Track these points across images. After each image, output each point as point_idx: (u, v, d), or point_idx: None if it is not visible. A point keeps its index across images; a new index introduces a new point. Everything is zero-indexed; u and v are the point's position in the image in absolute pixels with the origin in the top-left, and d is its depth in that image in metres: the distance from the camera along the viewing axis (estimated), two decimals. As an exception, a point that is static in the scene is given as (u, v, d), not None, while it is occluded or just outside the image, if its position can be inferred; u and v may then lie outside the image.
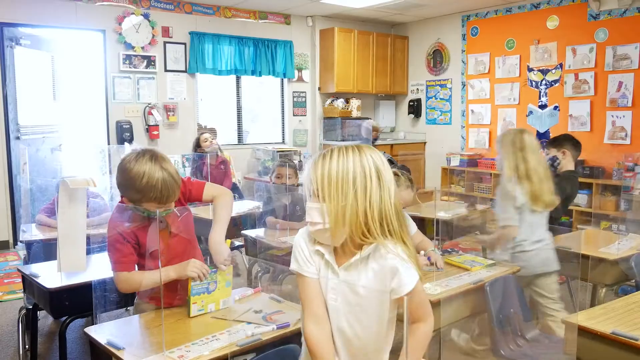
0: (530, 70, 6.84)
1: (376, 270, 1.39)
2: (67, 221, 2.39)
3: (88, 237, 2.42)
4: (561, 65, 6.51)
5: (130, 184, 1.88)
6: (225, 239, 2.10)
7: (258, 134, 7.68)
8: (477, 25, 7.45)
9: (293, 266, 1.49)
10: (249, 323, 1.90)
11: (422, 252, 2.62)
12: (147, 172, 1.85)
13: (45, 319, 3.74)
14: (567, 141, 3.56)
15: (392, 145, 7.93)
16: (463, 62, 7.63)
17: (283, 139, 7.87)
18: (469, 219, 3.77)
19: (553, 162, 3.47)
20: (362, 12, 7.53)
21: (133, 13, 6.35)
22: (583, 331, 1.95)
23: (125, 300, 2.32)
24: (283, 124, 7.85)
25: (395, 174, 2.03)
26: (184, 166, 6.59)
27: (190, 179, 2.17)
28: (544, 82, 6.71)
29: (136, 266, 2.05)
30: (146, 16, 6.45)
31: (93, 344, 1.85)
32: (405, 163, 6.69)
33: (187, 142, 6.76)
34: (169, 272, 1.99)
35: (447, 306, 2.33)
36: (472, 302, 2.52)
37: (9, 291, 4.40)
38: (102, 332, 1.86)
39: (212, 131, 6.58)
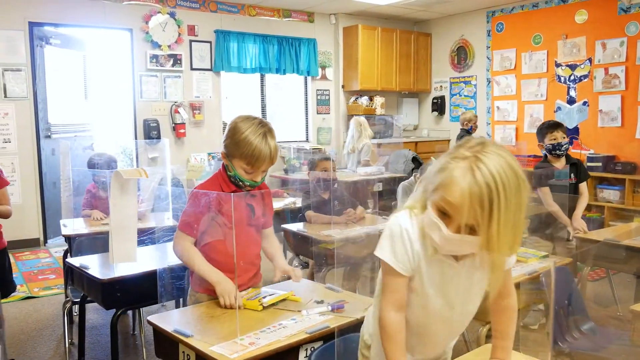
0: (558, 65, 6.76)
1: None
2: (119, 212, 2.38)
3: (153, 229, 2.41)
4: (590, 60, 6.42)
5: (231, 134, 1.98)
6: None
7: (281, 132, 7.67)
8: (502, 21, 7.38)
9: (387, 258, 1.31)
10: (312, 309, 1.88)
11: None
12: (250, 130, 1.95)
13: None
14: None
15: (416, 142, 7.88)
16: (488, 58, 7.57)
17: (307, 137, 7.85)
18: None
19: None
20: (385, 10, 7.50)
21: (159, 12, 6.38)
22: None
23: (178, 292, 2.31)
24: (307, 122, 7.84)
25: None
26: (210, 164, 6.60)
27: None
28: (572, 77, 6.63)
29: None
30: (172, 15, 6.48)
31: (157, 332, 1.84)
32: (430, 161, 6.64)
33: (213, 140, 6.79)
34: (211, 275, 1.99)
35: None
36: (526, 293, 2.48)
37: (45, 287, 4.43)
38: (165, 320, 1.85)
39: None
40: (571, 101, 6.66)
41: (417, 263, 1.31)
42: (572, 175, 3.54)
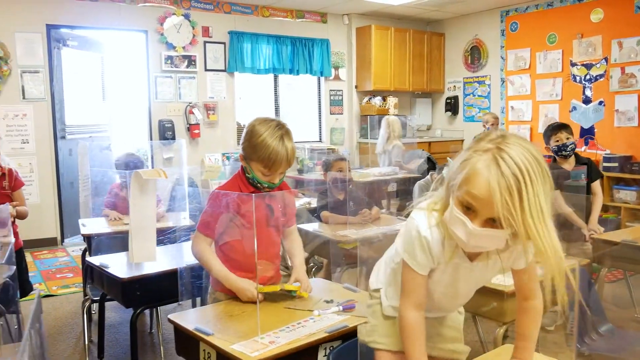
0: (573, 65, 6.70)
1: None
2: (138, 212, 2.42)
3: (172, 228, 2.44)
4: (606, 59, 6.36)
5: (248, 137, 2.00)
6: None
7: (295, 133, 7.63)
8: (516, 20, 7.34)
9: (406, 258, 1.36)
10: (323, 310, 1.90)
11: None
12: (267, 133, 1.96)
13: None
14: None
15: (429, 143, 7.87)
16: (502, 58, 7.53)
17: (320, 137, 7.87)
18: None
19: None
20: (398, 10, 7.49)
21: (174, 13, 6.44)
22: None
23: (198, 291, 2.34)
24: (320, 122, 7.86)
25: None
26: (224, 164, 6.64)
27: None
28: (588, 76, 6.57)
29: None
30: (187, 16, 6.53)
31: (178, 331, 1.86)
32: (443, 161, 6.61)
33: (227, 140, 6.84)
34: (228, 280, 2.00)
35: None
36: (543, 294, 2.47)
37: (63, 285, 4.49)
38: (186, 319, 1.88)
39: None
40: (587, 101, 6.60)
41: (436, 265, 1.35)
42: (583, 175, 3.53)
